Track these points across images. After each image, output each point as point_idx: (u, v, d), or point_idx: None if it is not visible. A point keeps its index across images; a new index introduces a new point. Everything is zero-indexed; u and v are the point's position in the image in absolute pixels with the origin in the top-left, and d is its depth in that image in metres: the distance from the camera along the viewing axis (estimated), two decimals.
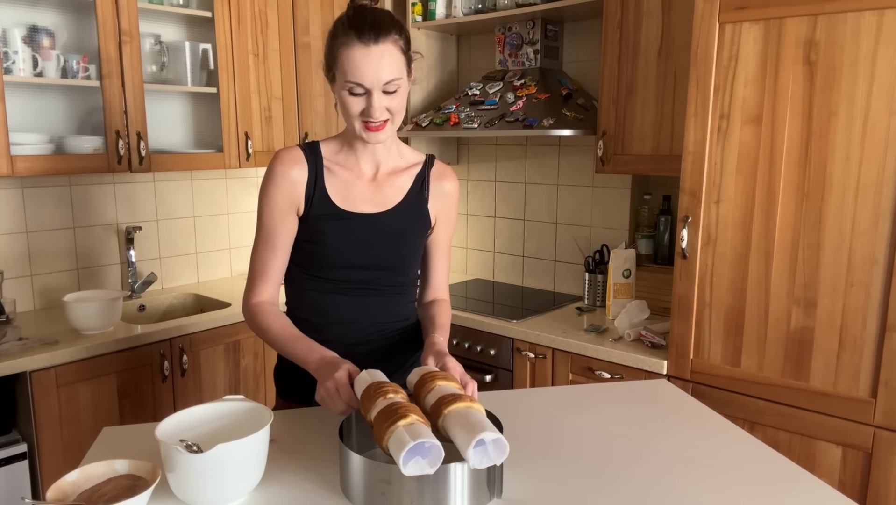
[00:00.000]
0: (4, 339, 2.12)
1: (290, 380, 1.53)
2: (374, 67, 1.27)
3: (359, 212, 1.41)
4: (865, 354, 1.76)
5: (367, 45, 1.27)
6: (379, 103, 1.30)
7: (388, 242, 1.44)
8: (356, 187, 1.43)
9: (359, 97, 1.30)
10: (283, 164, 1.39)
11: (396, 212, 1.44)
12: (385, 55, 1.28)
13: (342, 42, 1.29)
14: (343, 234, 1.40)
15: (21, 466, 2.07)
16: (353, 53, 1.27)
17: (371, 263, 1.43)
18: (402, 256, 1.47)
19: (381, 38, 1.27)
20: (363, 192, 1.43)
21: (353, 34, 1.27)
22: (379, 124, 1.33)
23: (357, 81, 1.28)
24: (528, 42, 2.74)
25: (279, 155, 1.41)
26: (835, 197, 1.76)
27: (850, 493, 1.82)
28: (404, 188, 1.46)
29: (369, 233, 1.42)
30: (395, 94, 1.32)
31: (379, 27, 1.28)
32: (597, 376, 2.24)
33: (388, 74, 1.29)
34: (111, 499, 0.99)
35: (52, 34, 2.37)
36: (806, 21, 1.75)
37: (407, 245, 1.47)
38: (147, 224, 2.88)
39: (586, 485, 1.11)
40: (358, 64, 1.27)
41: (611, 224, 2.78)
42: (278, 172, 1.39)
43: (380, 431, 1.03)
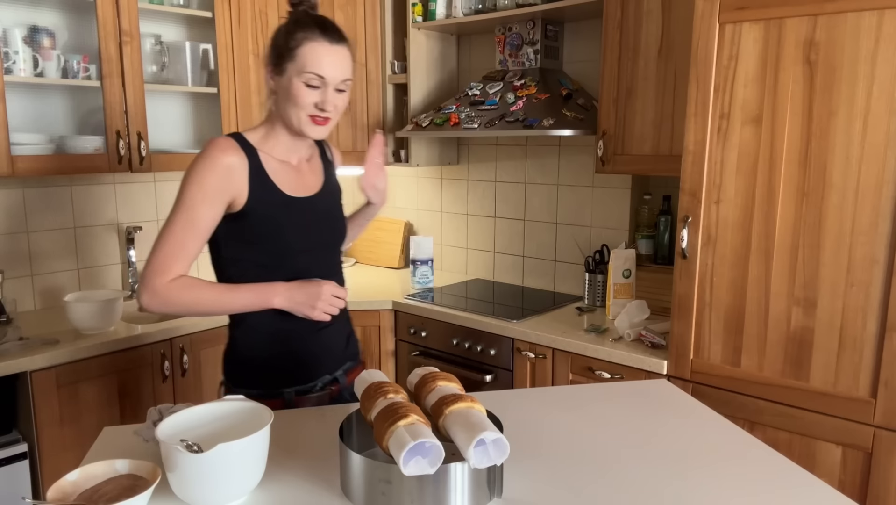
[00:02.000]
0: (5, 339, 2.12)
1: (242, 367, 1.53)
2: (335, 64, 1.39)
3: (301, 196, 1.49)
4: (865, 354, 1.76)
5: (332, 43, 1.38)
6: (331, 98, 1.40)
7: (330, 220, 1.57)
8: (290, 175, 1.50)
9: (314, 90, 1.39)
10: (223, 151, 1.38)
11: (325, 191, 1.57)
12: (344, 56, 1.41)
13: (306, 36, 1.37)
14: (296, 218, 1.46)
15: (21, 466, 2.07)
16: (319, 48, 1.37)
17: (323, 243, 1.53)
18: (341, 231, 1.61)
19: (344, 40, 1.42)
20: (296, 180, 1.50)
21: (318, 31, 1.38)
22: (324, 119, 1.42)
23: (319, 73, 1.37)
24: (529, 42, 2.74)
25: (216, 142, 1.40)
26: (835, 197, 1.76)
27: (850, 493, 1.82)
28: (320, 171, 1.59)
29: (315, 214, 1.51)
30: (344, 93, 1.43)
31: (340, 32, 1.42)
32: (597, 376, 2.24)
33: (343, 74, 1.41)
34: (112, 499, 0.99)
35: (52, 34, 2.37)
36: (806, 21, 1.75)
37: (342, 220, 1.62)
38: (147, 224, 2.88)
39: (586, 485, 1.11)
40: (322, 58, 1.37)
41: (611, 224, 2.78)
42: (216, 158, 1.37)
43: (380, 430, 1.03)
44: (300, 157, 1.54)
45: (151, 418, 1.22)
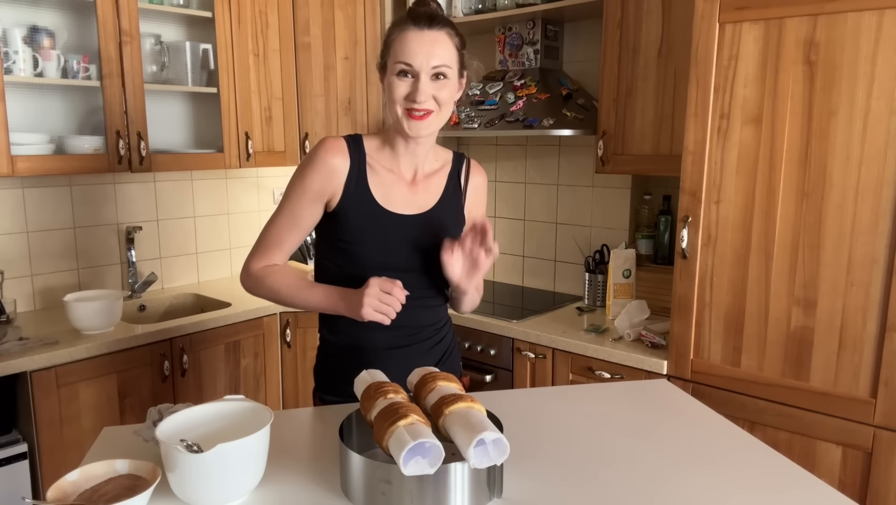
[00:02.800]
0: (4, 339, 2.12)
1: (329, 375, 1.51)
2: (424, 49, 1.29)
3: (399, 213, 1.40)
4: (865, 354, 1.76)
5: (420, 29, 1.30)
6: (425, 87, 1.30)
7: (426, 245, 1.43)
8: (396, 188, 1.41)
9: (405, 80, 1.31)
10: (328, 151, 1.37)
11: (433, 214, 1.44)
12: (437, 41, 1.30)
13: (397, 27, 1.32)
14: (384, 234, 1.39)
15: (21, 466, 2.07)
16: (405, 34, 1.30)
17: (410, 266, 1.42)
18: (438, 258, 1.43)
19: (434, 25, 1.30)
20: (402, 194, 1.42)
21: (408, 20, 1.31)
22: (422, 114, 1.31)
23: (406, 61, 1.29)
24: (529, 42, 2.74)
25: (324, 142, 1.39)
26: (835, 197, 1.76)
27: (850, 493, 1.82)
28: (439, 190, 1.46)
29: (409, 234, 1.41)
30: (443, 83, 1.32)
31: (435, 16, 1.31)
32: (597, 376, 2.24)
33: (438, 59, 1.29)
34: (111, 499, 0.99)
35: (52, 34, 2.37)
36: (806, 21, 1.75)
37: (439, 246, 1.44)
38: (147, 224, 2.88)
39: (586, 485, 1.11)
40: (409, 44, 1.29)
41: (611, 224, 2.78)
42: (320, 158, 1.37)
43: (380, 430, 1.03)
44: (419, 170, 1.44)
45: (151, 418, 1.22)
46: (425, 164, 1.45)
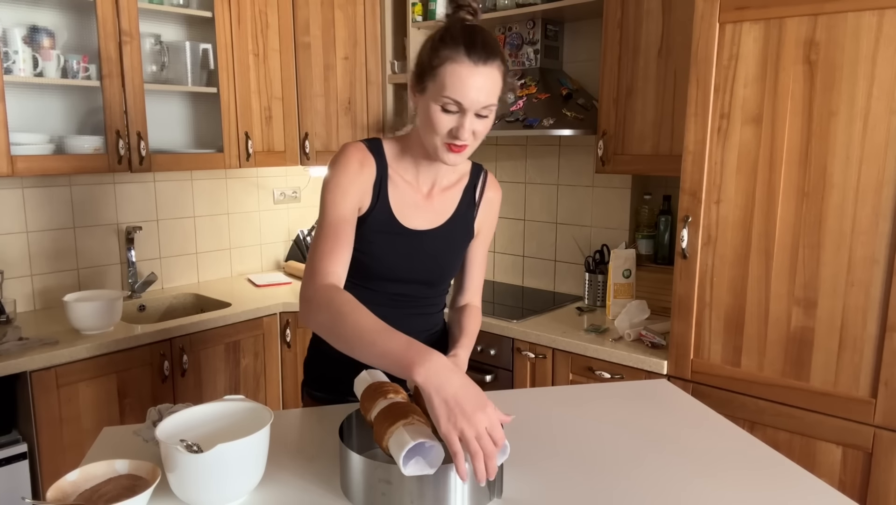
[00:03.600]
0: (4, 339, 2.12)
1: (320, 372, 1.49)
2: (476, 89, 1.21)
3: (412, 228, 1.38)
4: (865, 354, 1.76)
5: (475, 65, 1.20)
6: (470, 125, 1.24)
7: (434, 258, 1.41)
8: (412, 201, 1.38)
9: (451, 115, 1.23)
10: (358, 159, 1.33)
11: (445, 228, 1.42)
12: (490, 78, 1.22)
13: (448, 56, 1.21)
14: (394, 248, 1.37)
15: (21, 466, 2.07)
16: (460, 70, 1.20)
17: (416, 277, 1.41)
18: (446, 271, 1.46)
19: (489, 60, 1.21)
20: (418, 208, 1.39)
21: (462, 50, 1.20)
22: (459, 147, 1.26)
23: (456, 99, 1.21)
24: (529, 42, 2.74)
25: (354, 148, 1.33)
26: (835, 197, 1.76)
27: (850, 493, 1.82)
28: (454, 203, 1.43)
29: (418, 248, 1.39)
30: (486, 119, 1.26)
31: (489, 49, 1.22)
32: (597, 376, 2.24)
33: (487, 99, 1.22)
34: (111, 499, 0.99)
35: (52, 34, 2.37)
36: (806, 21, 1.75)
37: (451, 260, 1.46)
38: (147, 224, 2.88)
39: (586, 485, 1.11)
40: (463, 82, 1.20)
41: (611, 224, 2.78)
42: (355, 166, 1.32)
43: (380, 431, 1.03)
44: (436, 183, 1.41)
45: (151, 418, 1.22)
46: (444, 179, 1.42)
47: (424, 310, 1.47)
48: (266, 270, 3.35)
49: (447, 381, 0.99)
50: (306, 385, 1.55)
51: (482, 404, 0.99)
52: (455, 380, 1.00)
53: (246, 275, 3.22)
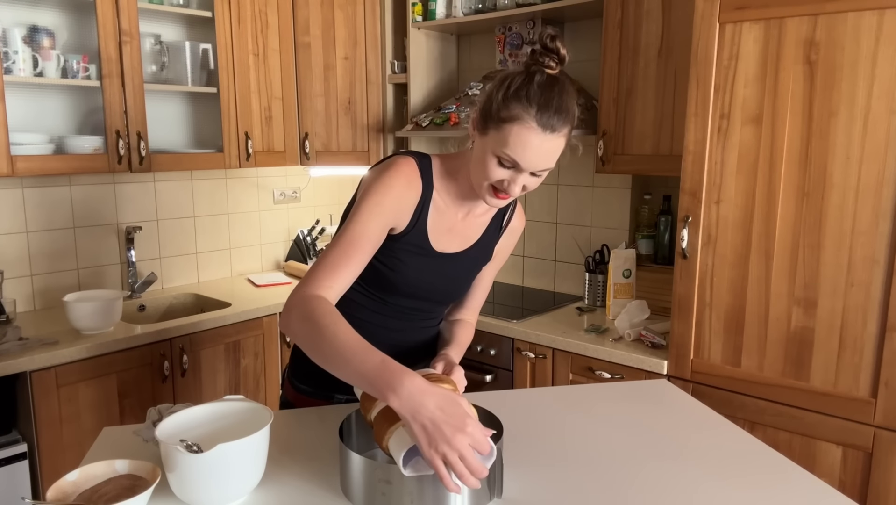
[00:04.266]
0: (4, 339, 2.12)
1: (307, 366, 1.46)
2: (538, 155, 1.18)
3: (441, 251, 1.36)
4: (866, 354, 1.76)
5: (543, 132, 1.16)
6: (523, 182, 1.22)
7: (455, 280, 1.42)
8: (447, 226, 1.37)
9: (505, 169, 1.20)
10: (407, 178, 1.28)
11: (470, 252, 1.41)
12: (554, 148, 1.19)
13: (519, 115, 1.15)
14: (420, 268, 1.35)
15: (21, 466, 2.07)
16: (528, 135, 1.16)
17: (433, 296, 1.41)
18: (461, 291, 1.48)
19: (559, 129, 1.18)
20: (451, 231, 1.37)
21: (534, 112, 1.15)
22: (506, 195, 1.24)
23: (516, 161, 1.18)
24: (529, 42, 2.74)
25: (402, 167, 1.27)
26: (835, 197, 1.76)
27: (850, 493, 1.82)
28: (482, 228, 1.42)
29: (442, 270, 1.38)
30: (538, 177, 1.23)
31: (563, 116, 1.18)
32: (597, 376, 2.24)
33: (547, 164, 1.20)
34: (111, 499, 0.99)
35: (52, 34, 2.37)
36: (806, 21, 1.75)
37: (468, 282, 1.47)
38: (147, 224, 2.88)
39: (586, 485, 1.11)
40: (527, 147, 1.16)
41: (611, 224, 2.78)
42: (399, 189, 1.26)
43: (380, 431, 1.03)
44: (472, 211, 1.39)
45: (151, 418, 1.22)
46: (480, 207, 1.40)
47: (428, 323, 1.48)
48: (266, 270, 3.35)
49: (422, 405, 0.95)
50: (292, 376, 1.52)
51: (461, 424, 0.94)
52: (430, 402, 0.95)
53: (246, 275, 3.22)
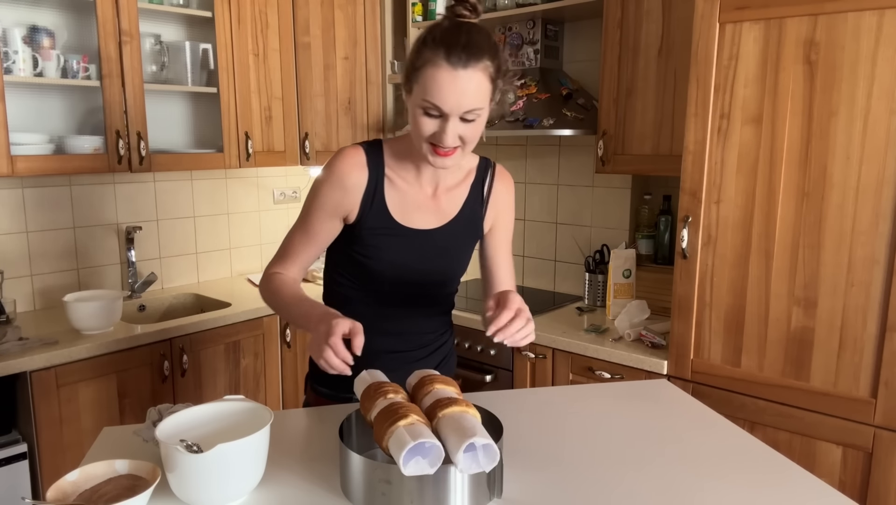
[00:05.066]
0: (4, 339, 2.12)
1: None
2: (457, 93, 1.16)
3: (415, 227, 1.36)
4: (866, 354, 1.76)
5: (454, 69, 1.15)
6: (453, 130, 1.20)
7: (440, 257, 1.39)
8: (415, 202, 1.36)
9: (433, 119, 1.21)
10: (344, 167, 1.32)
11: (451, 226, 1.39)
12: (472, 82, 1.17)
13: (429, 58, 1.17)
14: (397, 250, 1.36)
15: (21, 466, 2.07)
16: (439, 74, 1.16)
17: (422, 278, 1.40)
18: (453, 270, 1.44)
19: (471, 62, 1.16)
20: (421, 208, 1.36)
21: (442, 52, 1.16)
22: (448, 150, 1.23)
23: (436, 104, 1.18)
24: (529, 42, 2.74)
25: (342, 155, 1.33)
26: (835, 197, 1.76)
27: (850, 493, 1.82)
28: (461, 200, 1.40)
29: (423, 248, 1.37)
30: (473, 124, 1.21)
31: (472, 50, 1.16)
32: (597, 376, 2.24)
33: (471, 103, 1.18)
34: (111, 499, 0.99)
35: (52, 34, 2.37)
36: (806, 21, 1.75)
37: (457, 259, 1.43)
38: (147, 224, 2.88)
39: (586, 485, 1.11)
40: (441, 86, 1.16)
41: (611, 224, 2.78)
42: (337, 174, 1.32)
43: (380, 431, 1.03)
44: (440, 184, 1.38)
45: (151, 418, 1.22)
46: (447, 178, 1.39)
47: (433, 311, 1.47)
48: None
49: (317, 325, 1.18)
50: (312, 379, 1.54)
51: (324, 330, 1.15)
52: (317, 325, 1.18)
53: (246, 275, 3.22)
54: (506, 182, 1.46)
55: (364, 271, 1.38)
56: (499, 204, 1.45)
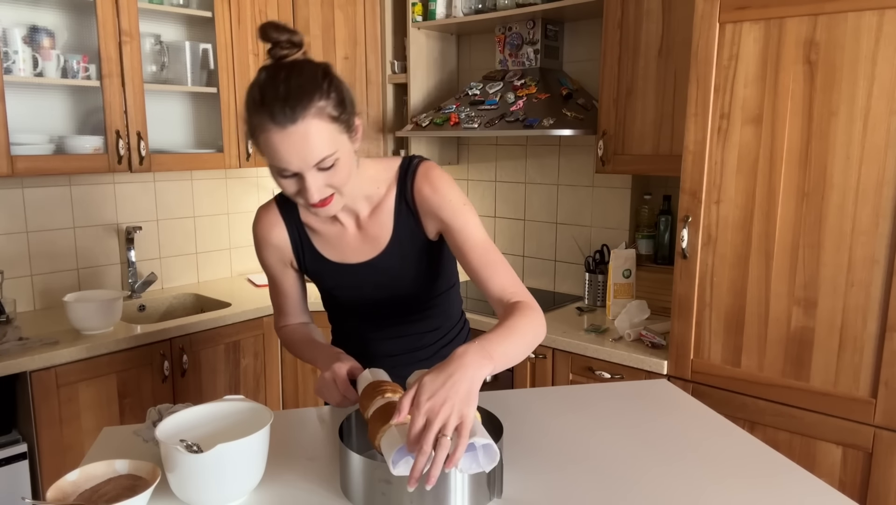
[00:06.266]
0: (4, 339, 2.12)
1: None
2: (297, 151, 1.06)
3: (354, 262, 1.34)
4: (866, 354, 1.76)
5: (284, 128, 1.05)
6: (315, 184, 1.10)
7: (395, 280, 1.36)
8: (341, 241, 1.33)
9: (290, 178, 1.11)
10: (261, 230, 1.36)
11: (389, 250, 1.32)
12: (308, 134, 1.06)
13: (257, 123, 1.07)
14: (349, 285, 1.37)
15: (21, 466, 2.07)
16: (271, 138, 1.06)
17: (390, 300, 1.39)
18: (419, 285, 1.38)
19: (299, 113, 1.05)
20: (350, 244, 1.33)
21: (266, 114, 1.05)
22: (322, 200, 1.14)
23: (282, 167, 1.09)
24: (529, 42, 2.74)
25: (257, 218, 1.37)
26: (835, 197, 1.76)
27: (850, 493, 1.82)
28: (389, 220, 1.31)
29: (373, 277, 1.35)
30: (334, 168, 1.10)
31: (296, 99, 1.05)
32: (597, 376, 2.24)
33: (317, 154, 1.07)
34: (111, 499, 0.99)
35: (52, 34, 2.37)
36: (806, 21, 1.75)
37: (416, 276, 1.36)
38: (147, 224, 2.88)
39: (586, 485, 1.11)
40: (278, 149, 1.06)
41: (611, 224, 2.78)
42: (259, 239, 1.37)
43: (374, 430, 1.03)
44: (359, 214, 1.30)
45: (151, 418, 1.22)
46: (363, 206, 1.30)
47: (409, 329, 1.46)
48: None
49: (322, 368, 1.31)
50: None
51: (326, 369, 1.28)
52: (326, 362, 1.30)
53: (246, 275, 3.22)
54: (427, 179, 1.28)
55: (337, 302, 1.45)
56: (428, 206, 1.28)
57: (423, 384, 0.95)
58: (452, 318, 1.52)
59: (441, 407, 0.92)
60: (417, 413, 0.93)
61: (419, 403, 0.93)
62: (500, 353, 1.04)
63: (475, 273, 1.25)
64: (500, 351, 1.04)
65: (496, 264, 1.25)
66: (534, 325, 1.14)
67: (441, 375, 0.96)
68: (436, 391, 0.94)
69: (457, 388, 0.94)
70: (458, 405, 0.93)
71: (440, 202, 1.27)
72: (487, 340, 1.05)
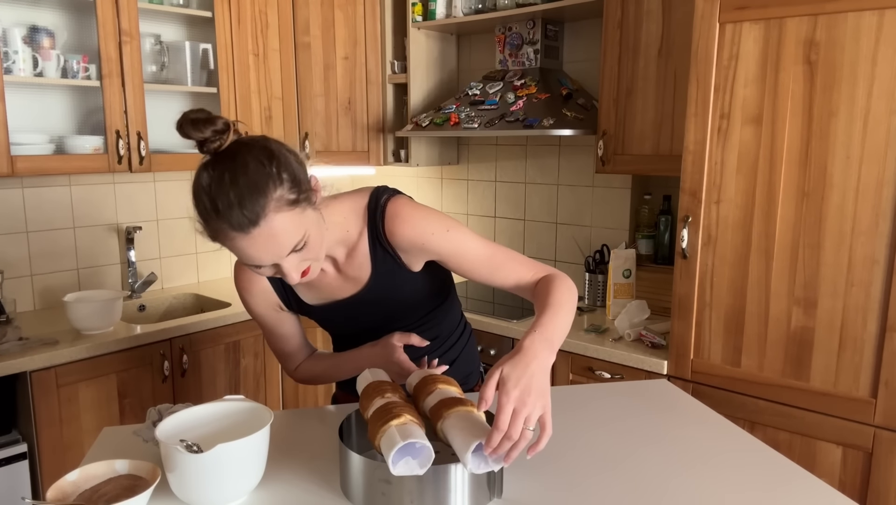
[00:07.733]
0: (4, 339, 2.12)
1: None
2: (265, 250, 1.03)
3: (338, 300, 1.33)
4: (866, 354, 1.76)
5: (246, 233, 1.01)
6: (291, 267, 1.08)
7: (384, 309, 1.35)
8: (322, 285, 1.32)
9: (265, 268, 1.09)
10: (243, 283, 1.32)
11: (372, 285, 1.30)
12: (274, 230, 1.01)
13: (216, 230, 1.03)
14: (337, 320, 1.39)
15: (21, 466, 2.07)
16: (236, 244, 1.03)
17: (382, 326, 1.38)
18: (407, 308, 1.37)
19: (259, 215, 1.00)
20: (331, 286, 1.32)
21: (224, 223, 1.01)
22: (303, 272, 1.12)
23: (254, 265, 1.07)
24: (529, 42, 2.74)
25: (236, 272, 1.32)
26: (835, 197, 1.76)
27: (850, 493, 1.82)
28: (366, 260, 1.27)
29: (359, 309, 1.34)
30: (307, 246, 1.07)
31: (250, 202, 0.99)
32: (597, 376, 2.24)
33: (288, 244, 1.04)
34: (111, 499, 0.99)
35: (52, 34, 2.37)
36: (806, 21, 1.75)
37: (403, 301, 1.35)
38: (147, 224, 2.88)
39: (586, 485, 1.11)
40: (245, 252, 1.04)
41: (611, 224, 2.78)
42: (243, 291, 1.34)
43: (373, 429, 1.03)
44: (336, 258, 1.28)
45: (151, 418, 1.22)
46: (339, 251, 1.27)
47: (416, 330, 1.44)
48: None
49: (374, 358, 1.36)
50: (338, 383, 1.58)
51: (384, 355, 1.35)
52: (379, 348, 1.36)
53: None
54: (399, 220, 1.23)
55: (334, 331, 1.48)
56: (409, 245, 1.24)
57: (507, 376, 1.00)
58: (452, 324, 1.52)
59: (528, 399, 0.99)
60: (507, 401, 0.98)
61: (507, 391, 0.99)
62: (559, 335, 1.13)
63: (488, 283, 1.28)
64: (558, 334, 1.12)
65: (504, 265, 1.26)
66: (568, 291, 1.22)
67: (518, 366, 1.01)
68: (519, 382, 1.00)
69: (537, 378, 1.01)
70: (542, 398, 1.00)
71: (423, 239, 1.23)
72: (542, 325, 1.11)
